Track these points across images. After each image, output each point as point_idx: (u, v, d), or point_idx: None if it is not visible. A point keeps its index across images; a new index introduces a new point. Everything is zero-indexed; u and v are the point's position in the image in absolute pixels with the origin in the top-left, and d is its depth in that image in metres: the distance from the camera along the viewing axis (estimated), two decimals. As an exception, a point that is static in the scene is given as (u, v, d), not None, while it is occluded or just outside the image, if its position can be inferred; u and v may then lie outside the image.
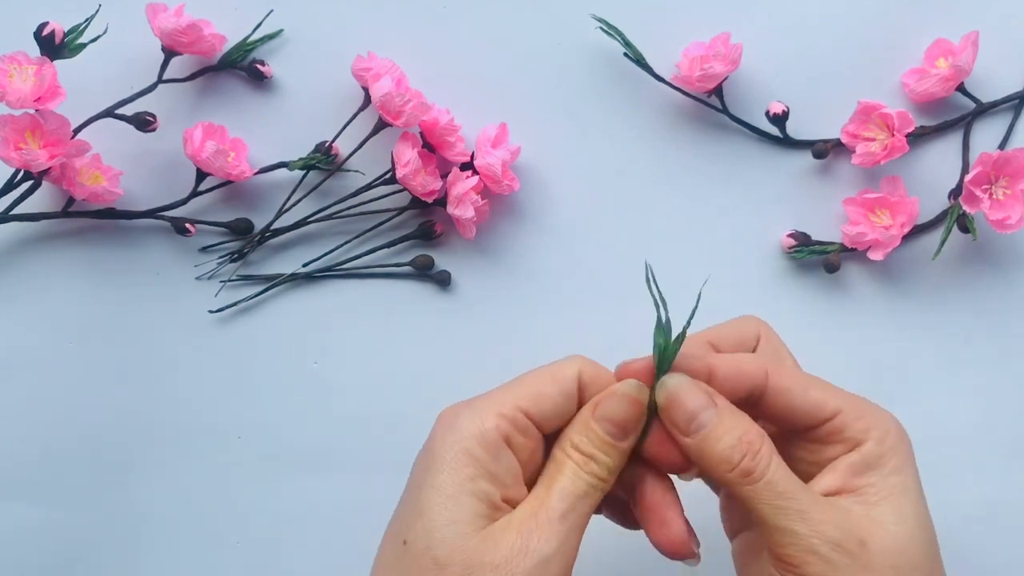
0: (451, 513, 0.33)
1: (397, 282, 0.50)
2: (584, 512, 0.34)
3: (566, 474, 0.34)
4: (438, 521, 0.33)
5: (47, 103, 0.44)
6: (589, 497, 0.34)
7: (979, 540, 0.49)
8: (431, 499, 0.33)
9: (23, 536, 0.49)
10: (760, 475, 0.33)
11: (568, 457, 0.35)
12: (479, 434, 0.34)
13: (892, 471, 0.34)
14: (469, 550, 0.33)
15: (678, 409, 0.34)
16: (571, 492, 0.34)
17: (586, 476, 0.34)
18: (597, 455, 0.34)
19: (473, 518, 0.33)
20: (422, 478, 0.34)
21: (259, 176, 0.49)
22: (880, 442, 0.34)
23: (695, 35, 0.49)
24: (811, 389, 0.35)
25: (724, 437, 0.34)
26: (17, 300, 0.49)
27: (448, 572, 0.32)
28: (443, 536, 0.33)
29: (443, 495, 0.33)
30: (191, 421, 0.49)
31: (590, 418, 0.35)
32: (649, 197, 0.50)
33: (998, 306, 0.50)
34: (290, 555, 0.49)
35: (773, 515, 0.33)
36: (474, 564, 0.32)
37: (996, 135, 0.50)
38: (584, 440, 0.35)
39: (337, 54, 0.49)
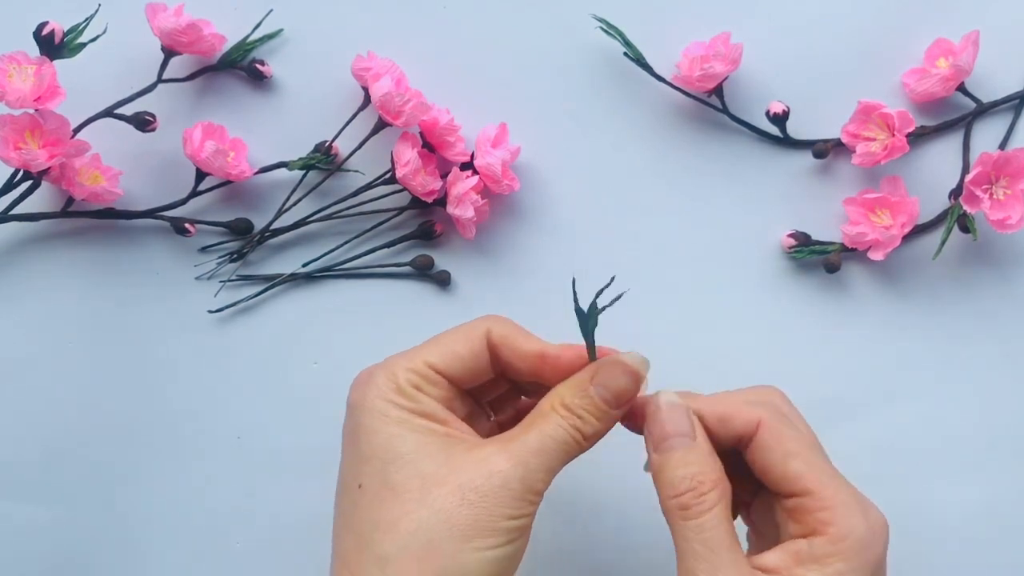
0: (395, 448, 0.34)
1: (397, 282, 0.50)
2: (556, 459, 0.35)
3: (550, 421, 0.35)
4: (387, 457, 0.34)
5: (47, 103, 0.44)
6: (565, 449, 0.35)
7: (979, 540, 0.49)
8: (368, 442, 0.35)
9: (23, 536, 0.49)
10: (695, 515, 0.34)
11: (555, 411, 0.35)
12: (395, 388, 0.35)
13: (833, 573, 0.33)
14: (428, 474, 0.33)
15: (657, 425, 0.36)
16: (550, 435, 0.35)
17: (569, 429, 0.35)
18: (586, 416, 0.35)
19: (424, 446, 0.34)
20: (355, 431, 0.35)
21: (259, 176, 0.49)
22: (834, 541, 0.33)
23: (695, 35, 0.49)
24: (794, 458, 0.35)
25: (682, 467, 0.35)
26: (17, 300, 0.49)
27: (407, 497, 0.33)
28: (397, 467, 0.34)
29: (382, 435, 0.34)
30: (191, 421, 0.49)
31: (587, 382, 0.36)
32: (649, 197, 0.50)
33: (998, 306, 0.50)
34: (290, 555, 0.49)
35: (688, 557, 0.34)
36: (436, 485, 0.33)
37: (996, 135, 0.50)
38: (577, 401, 0.35)
39: (337, 54, 0.49)
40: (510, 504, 0.33)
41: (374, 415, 0.35)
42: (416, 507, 0.33)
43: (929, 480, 0.49)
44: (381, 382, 0.36)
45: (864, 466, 0.49)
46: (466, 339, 0.37)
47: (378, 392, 0.35)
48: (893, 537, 0.47)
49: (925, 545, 0.49)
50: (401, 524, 0.33)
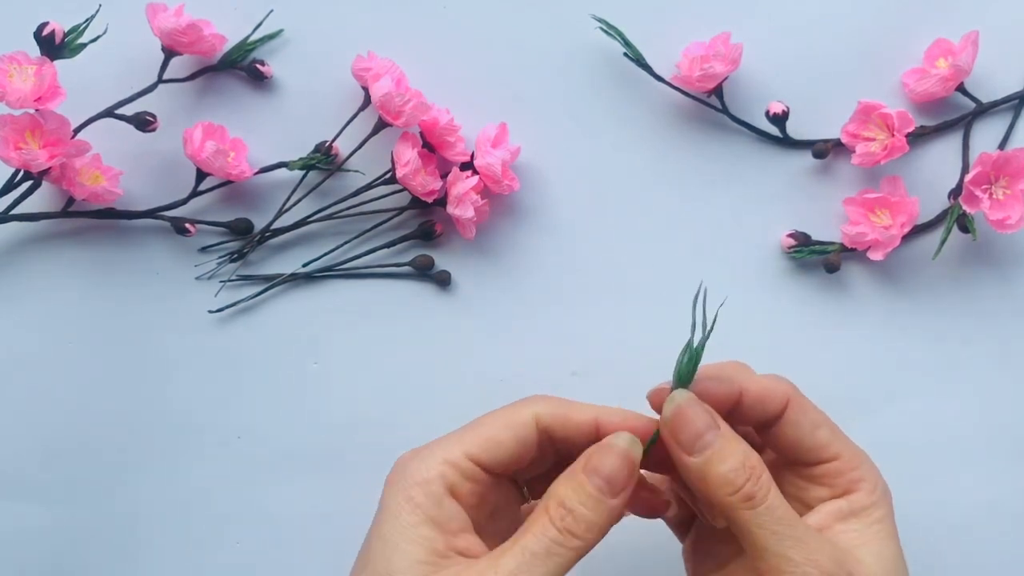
0: (391, 563, 0.33)
1: (397, 282, 0.50)
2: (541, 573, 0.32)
3: (532, 531, 0.33)
4: (380, 571, 0.33)
5: (47, 103, 0.44)
6: (554, 557, 0.33)
7: (979, 540, 0.49)
8: (375, 548, 0.34)
9: (23, 536, 0.49)
10: (761, 500, 0.33)
11: (545, 511, 0.34)
12: (422, 482, 0.34)
13: (875, 520, 0.36)
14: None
15: (685, 426, 0.34)
16: (529, 550, 0.32)
17: (553, 534, 0.33)
18: (578, 509, 0.33)
19: (412, 564, 0.33)
20: (373, 525, 0.35)
21: (259, 176, 0.49)
22: (869, 493, 0.36)
23: (695, 35, 0.49)
24: (821, 428, 0.37)
25: (729, 459, 0.34)
26: (17, 300, 0.49)
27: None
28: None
29: (386, 543, 0.33)
30: (191, 421, 0.49)
31: (580, 471, 0.34)
32: (649, 197, 0.50)
33: (998, 306, 0.50)
34: (290, 555, 0.49)
35: (771, 541, 0.33)
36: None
37: (996, 135, 0.50)
38: (570, 493, 0.34)
39: (337, 54, 0.49)
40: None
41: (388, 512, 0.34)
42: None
43: (929, 480, 0.49)
44: (410, 473, 0.34)
45: (864, 466, 0.49)
46: (510, 426, 0.35)
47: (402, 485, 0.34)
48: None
49: (925, 545, 0.49)
50: None
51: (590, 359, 0.49)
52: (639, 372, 0.49)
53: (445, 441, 0.35)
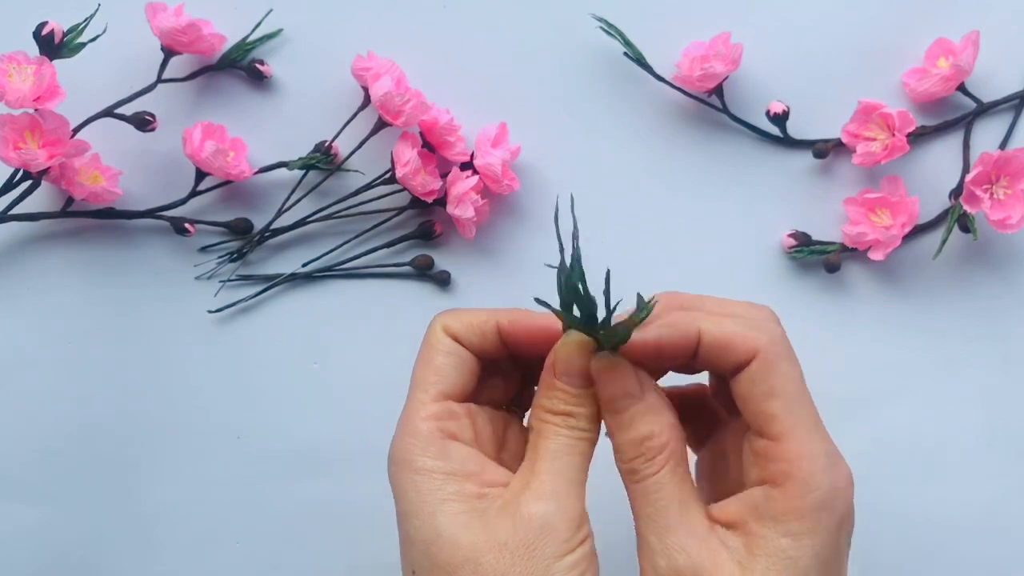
0: (440, 531, 0.33)
1: (397, 282, 0.50)
2: (575, 466, 0.34)
3: (546, 437, 0.34)
4: (429, 538, 0.33)
5: (46, 103, 0.44)
6: (575, 451, 0.34)
7: (979, 540, 0.49)
8: (412, 525, 0.34)
9: (23, 536, 0.49)
10: (643, 479, 0.33)
11: (545, 422, 0.34)
12: (420, 447, 0.34)
13: (786, 533, 0.31)
14: (470, 545, 0.32)
15: (605, 386, 0.34)
16: (554, 452, 0.34)
17: (567, 432, 0.34)
18: (573, 410, 0.34)
19: (457, 518, 0.33)
20: (399, 512, 0.35)
21: (259, 176, 0.49)
22: (790, 498, 0.31)
23: (695, 35, 0.49)
24: (775, 398, 0.32)
25: (630, 431, 0.34)
26: (16, 300, 0.49)
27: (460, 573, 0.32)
28: (439, 548, 0.33)
29: (423, 519, 0.33)
30: (191, 421, 0.49)
31: (553, 379, 0.35)
32: (649, 197, 0.50)
33: (998, 306, 0.50)
34: (290, 555, 0.49)
35: (640, 520, 0.33)
36: (481, 553, 0.32)
37: (997, 135, 0.50)
38: (556, 402, 0.34)
39: (337, 54, 0.49)
40: (560, 543, 0.32)
41: (408, 496, 0.34)
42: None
43: (929, 480, 0.49)
44: (410, 449, 0.34)
45: (864, 466, 0.49)
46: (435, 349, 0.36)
47: (409, 465, 0.34)
48: (891, 535, 0.47)
49: (925, 545, 0.49)
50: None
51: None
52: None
53: (409, 405, 0.36)
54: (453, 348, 0.36)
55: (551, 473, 0.33)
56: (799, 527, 0.31)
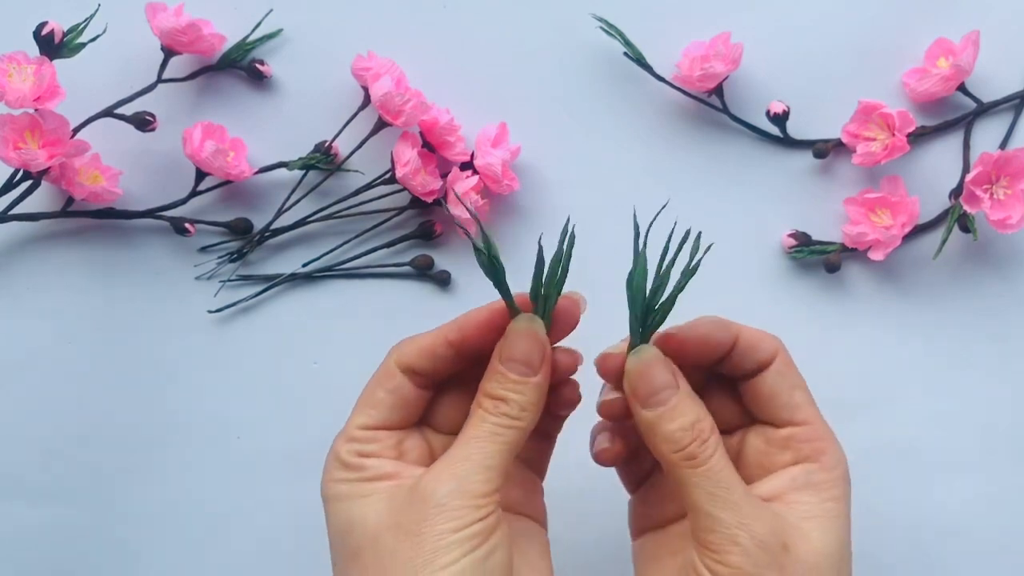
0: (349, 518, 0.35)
1: (397, 282, 0.50)
2: (491, 452, 0.34)
3: (473, 424, 0.35)
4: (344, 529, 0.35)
5: (46, 103, 0.44)
6: (496, 438, 0.34)
7: (979, 539, 0.49)
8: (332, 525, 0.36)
9: (22, 536, 0.49)
10: (703, 462, 0.34)
11: (478, 406, 0.35)
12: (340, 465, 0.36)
13: (830, 498, 0.35)
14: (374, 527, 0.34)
15: (644, 381, 0.35)
16: (474, 436, 0.34)
17: (494, 419, 0.35)
18: (508, 395, 0.35)
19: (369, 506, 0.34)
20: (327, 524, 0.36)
21: (258, 176, 0.49)
22: (828, 469, 0.36)
23: (695, 34, 0.49)
24: (799, 390, 0.37)
25: (679, 418, 0.35)
26: (16, 300, 0.49)
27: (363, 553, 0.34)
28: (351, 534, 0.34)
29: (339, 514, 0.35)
30: (191, 421, 0.49)
31: (497, 363, 0.36)
32: (649, 197, 0.50)
33: (998, 306, 0.50)
34: (290, 555, 0.49)
35: (705, 501, 0.34)
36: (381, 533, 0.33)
37: (997, 135, 0.50)
38: (495, 385, 0.35)
39: (337, 53, 0.49)
40: (451, 518, 0.33)
41: (329, 500, 0.36)
42: (373, 560, 0.33)
43: (929, 479, 0.49)
44: (330, 467, 0.36)
45: (864, 466, 0.49)
46: (380, 382, 0.37)
47: (328, 477, 0.36)
48: (892, 535, 0.47)
49: (925, 545, 0.49)
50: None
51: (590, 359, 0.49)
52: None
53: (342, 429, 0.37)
54: (398, 385, 0.37)
55: (460, 458, 0.34)
56: (838, 492, 0.36)
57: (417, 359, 0.37)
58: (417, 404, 0.38)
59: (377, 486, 0.35)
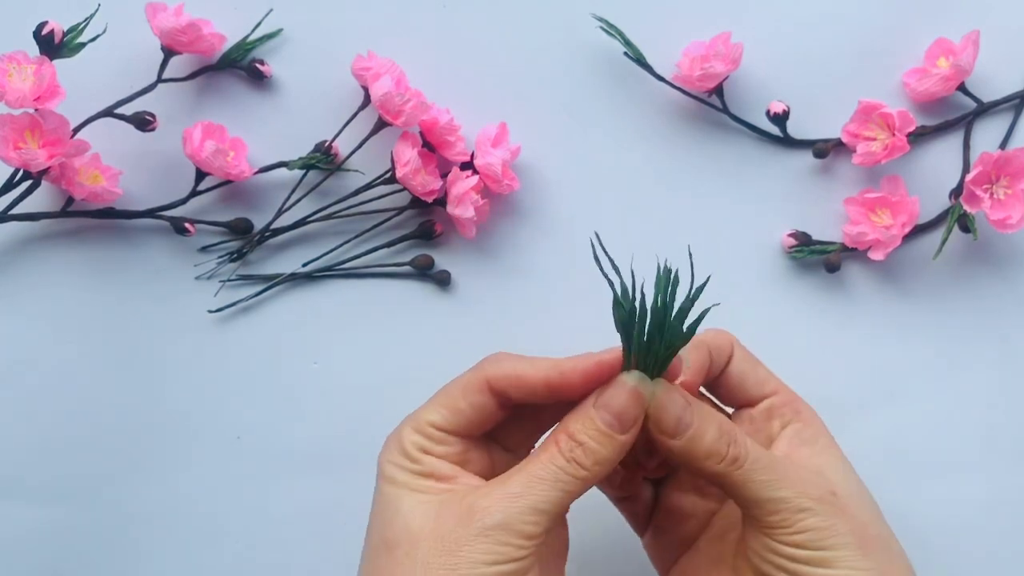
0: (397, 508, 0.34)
1: (397, 282, 0.50)
2: (547, 500, 0.33)
3: (540, 458, 0.34)
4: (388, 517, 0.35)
5: (46, 102, 0.44)
6: (559, 487, 0.34)
7: (979, 540, 0.49)
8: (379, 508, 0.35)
9: (22, 536, 0.49)
10: (745, 458, 0.35)
11: (554, 442, 0.35)
12: (401, 451, 0.36)
13: (824, 446, 0.38)
14: (417, 528, 0.33)
15: (666, 414, 0.35)
16: (537, 474, 0.34)
17: (561, 463, 0.34)
18: (588, 443, 0.34)
19: (418, 503, 0.34)
20: (373, 498, 0.36)
21: (259, 176, 0.49)
22: (810, 422, 0.39)
23: (695, 34, 0.49)
24: (759, 366, 0.40)
25: (708, 431, 0.35)
26: (16, 300, 0.49)
27: (398, 551, 0.33)
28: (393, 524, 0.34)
29: (388, 498, 0.35)
30: (191, 421, 0.49)
31: (591, 406, 0.35)
32: (649, 197, 0.50)
33: (998, 306, 0.50)
34: (290, 555, 0.49)
35: (763, 490, 0.35)
36: (422, 538, 0.33)
37: (997, 135, 0.50)
38: (579, 426, 0.35)
39: (337, 53, 0.49)
40: (491, 551, 0.32)
41: (384, 481, 0.36)
42: (402, 560, 0.33)
43: (929, 480, 0.49)
44: (392, 446, 0.36)
45: (864, 466, 0.49)
46: (465, 392, 0.36)
47: (388, 457, 0.36)
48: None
49: (925, 545, 0.49)
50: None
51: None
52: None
53: (414, 415, 0.37)
54: (483, 402, 0.36)
55: (517, 493, 0.33)
56: (826, 439, 0.39)
57: (510, 387, 0.36)
58: (493, 421, 0.37)
59: (432, 484, 0.35)
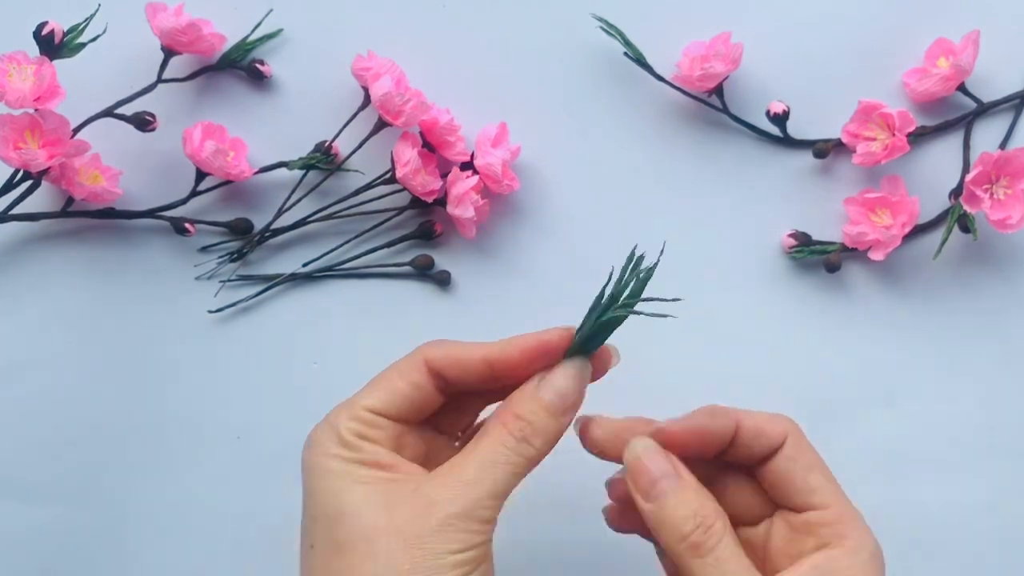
0: (339, 505, 0.34)
1: (397, 282, 0.50)
2: (500, 483, 0.34)
3: (488, 440, 0.35)
4: (333, 515, 0.34)
5: (46, 103, 0.44)
6: (510, 466, 0.34)
7: (979, 540, 0.49)
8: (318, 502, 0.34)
9: (22, 536, 0.49)
10: (709, 550, 0.34)
11: (502, 424, 0.35)
12: (336, 440, 0.35)
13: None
14: (370, 525, 0.33)
15: (642, 473, 0.35)
16: (490, 460, 0.34)
17: (512, 444, 0.35)
18: (535, 420, 0.35)
19: (363, 497, 0.34)
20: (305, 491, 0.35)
21: (259, 176, 0.49)
22: (852, 554, 0.34)
23: (695, 34, 0.49)
24: (815, 472, 0.36)
25: (680, 507, 0.34)
26: (16, 300, 0.49)
27: (353, 553, 0.33)
28: (341, 524, 0.33)
29: (328, 494, 0.34)
30: (191, 421, 0.49)
31: (535, 386, 0.36)
32: (649, 197, 0.50)
33: (998, 306, 0.50)
34: (290, 555, 0.49)
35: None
36: (379, 534, 0.33)
37: (997, 135, 0.50)
38: (525, 405, 0.35)
39: (337, 53, 0.49)
40: (453, 540, 0.33)
41: (318, 473, 0.35)
42: (362, 560, 0.33)
43: (929, 480, 0.49)
44: (324, 438, 0.35)
45: (864, 466, 0.49)
46: (403, 373, 0.37)
47: (321, 449, 0.35)
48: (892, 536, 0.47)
49: (925, 545, 0.49)
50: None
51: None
52: (639, 372, 0.49)
53: (346, 403, 0.37)
54: (421, 383, 0.37)
55: (474, 479, 0.34)
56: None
57: (449, 367, 0.37)
58: (431, 405, 0.37)
59: (373, 474, 0.34)
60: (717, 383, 0.49)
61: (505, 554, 0.37)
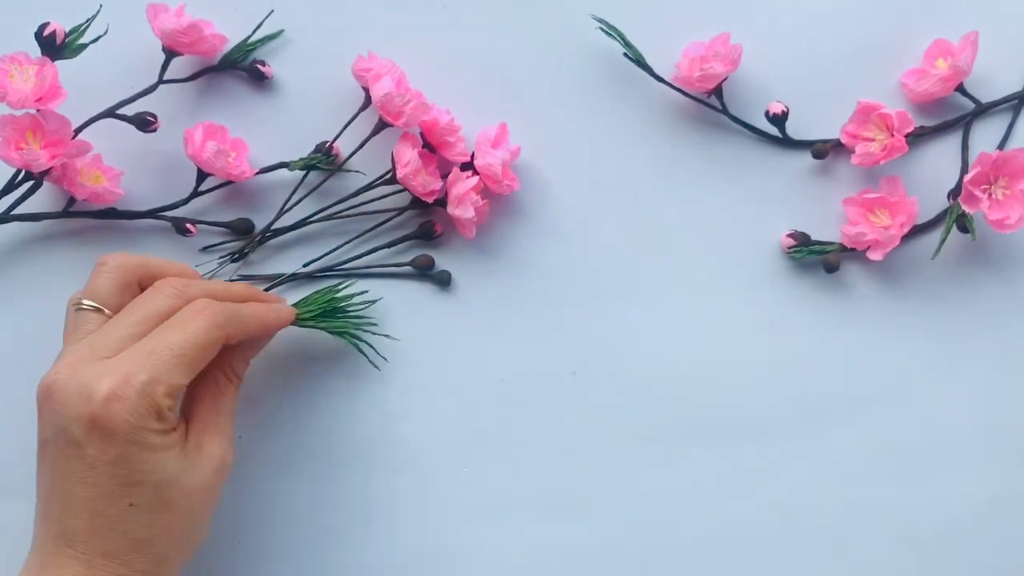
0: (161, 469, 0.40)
1: (397, 282, 0.50)
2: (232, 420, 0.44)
3: (229, 397, 0.44)
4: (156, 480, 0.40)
5: (48, 103, 0.45)
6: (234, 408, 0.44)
7: (979, 539, 0.49)
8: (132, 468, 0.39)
9: (22, 534, 0.49)
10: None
11: (231, 382, 0.44)
12: (156, 414, 0.40)
13: None
14: (188, 486, 0.41)
15: None
16: (231, 411, 0.44)
17: (235, 393, 0.44)
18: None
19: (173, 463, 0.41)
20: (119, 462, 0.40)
21: (260, 176, 0.49)
22: None
23: (695, 35, 0.49)
24: None
25: None
26: (18, 300, 0.49)
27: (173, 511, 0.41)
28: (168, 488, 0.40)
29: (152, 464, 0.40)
30: (192, 421, 0.49)
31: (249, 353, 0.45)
32: (649, 197, 0.50)
33: (997, 306, 0.50)
34: (289, 555, 0.49)
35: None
36: (194, 492, 0.41)
37: (995, 135, 0.50)
38: (240, 365, 0.45)
39: (337, 54, 0.49)
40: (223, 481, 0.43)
41: (140, 449, 0.39)
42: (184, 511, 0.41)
43: (929, 479, 0.49)
44: (144, 413, 0.39)
45: (864, 466, 0.49)
46: (207, 354, 0.41)
47: (141, 422, 0.39)
48: (893, 537, 0.47)
49: (925, 545, 0.49)
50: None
51: (590, 359, 0.50)
52: (639, 372, 0.49)
53: (156, 378, 0.40)
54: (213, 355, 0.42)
55: (228, 430, 0.43)
56: None
57: (237, 336, 0.42)
58: None
59: (173, 438, 0.40)
60: (716, 382, 0.49)
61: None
